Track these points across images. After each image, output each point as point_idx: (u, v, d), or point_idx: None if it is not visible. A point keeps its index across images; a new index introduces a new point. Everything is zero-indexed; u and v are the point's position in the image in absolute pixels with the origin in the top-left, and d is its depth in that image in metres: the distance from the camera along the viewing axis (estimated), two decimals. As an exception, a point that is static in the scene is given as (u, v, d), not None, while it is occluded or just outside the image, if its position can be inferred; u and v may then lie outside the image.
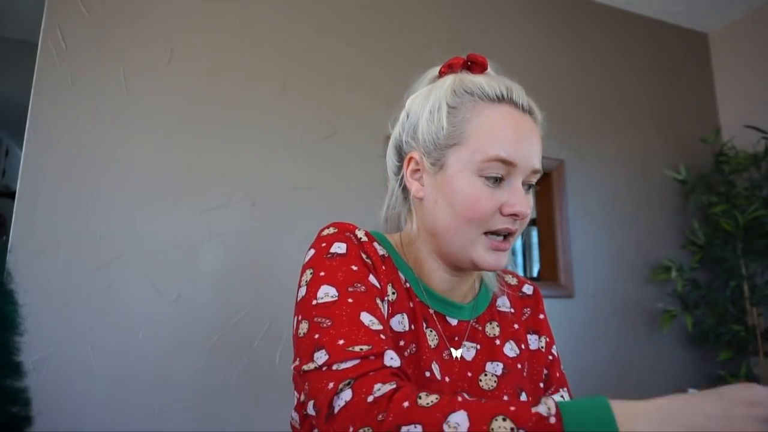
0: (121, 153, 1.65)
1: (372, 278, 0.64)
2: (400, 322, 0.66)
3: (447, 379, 0.67)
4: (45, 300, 1.49)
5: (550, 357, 0.79)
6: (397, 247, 0.75)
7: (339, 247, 0.65)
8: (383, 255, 0.70)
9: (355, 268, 0.63)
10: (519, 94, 0.70)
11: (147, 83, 1.72)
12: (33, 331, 1.29)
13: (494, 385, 0.69)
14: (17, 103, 2.29)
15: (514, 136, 0.66)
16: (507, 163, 0.65)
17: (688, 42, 2.89)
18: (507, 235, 0.68)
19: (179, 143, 1.73)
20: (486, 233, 0.66)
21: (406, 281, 0.71)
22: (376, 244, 0.70)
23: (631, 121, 2.61)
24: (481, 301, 0.77)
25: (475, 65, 0.74)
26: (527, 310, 0.81)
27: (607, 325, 2.33)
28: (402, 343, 0.65)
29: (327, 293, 0.59)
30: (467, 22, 2.31)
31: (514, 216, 0.65)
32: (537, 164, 0.67)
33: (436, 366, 0.67)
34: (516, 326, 0.77)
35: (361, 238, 0.68)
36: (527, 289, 0.83)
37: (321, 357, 0.54)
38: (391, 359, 0.54)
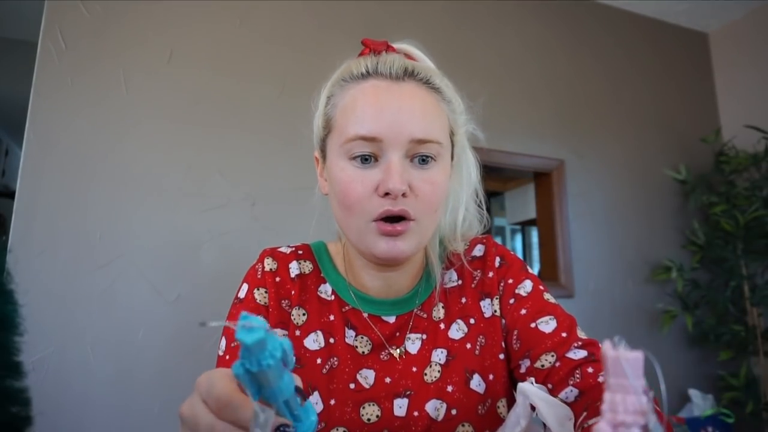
0: (120, 153, 1.65)
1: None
2: (315, 341, 0.66)
3: (388, 380, 0.65)
4: (45, 300, 1.49)
5: (512, 300, 0.69)
6: (335, 254, 0.74)
7: (242, 290, 0.69)
8: (298, 275, 0.70)
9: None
10: (391, 63, 0.63)
11: (147, 83, 1.71)
12: (33, 331, 1.29)
13: (438, 375, 0.65)
14: (17, 103, 2.29)
15: (374, 109, 0.60)
16: (369, 140, 0.59)
17: (689, 42, 2.88)
18: (403, 219, 0.60)
19: (179, 143, 1.73)
20: (376, 220, 0.60)
21: (332, 293, 0.70)
22: (292, 264, 0.71)
23: (632, 121, 2.61)
24: (423, 287, 0.72)
25: (369, 50, 0.68)
26: (477, 273, 0.72)
27: (607, 325, 2.32)
28: (319, 361, 0.65)
29: (220, 346, 0.66)
30: (468, 22, 2.31)
31: (388, 194, 0.59)
32: (417, 132, 0.59)
33: (369, 372, 0.65)
34: (464, 299, 0.71)
35: (266, 268, 0.70)
36: (478, 250, 0.74)
37: None
38: None
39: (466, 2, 2.32)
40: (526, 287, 0.69)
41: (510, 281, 0.70)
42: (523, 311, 0.67)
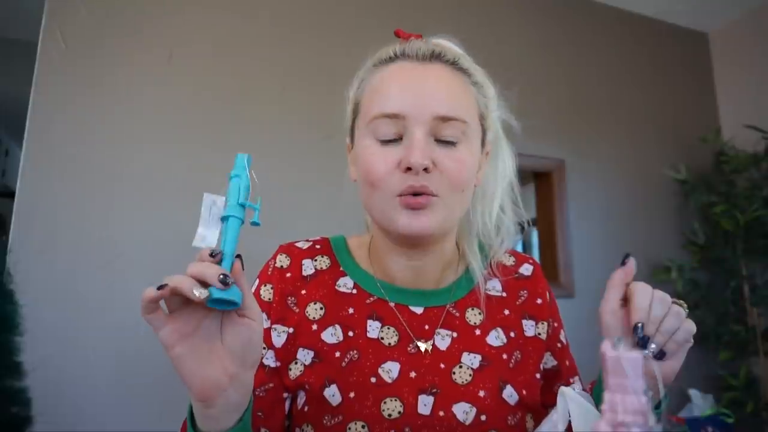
0: (121, 153, 1.65)
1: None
2: (333, 334, 0.65)
3: (413, 374, 0.63)
4: (45, 300, 1.49)
5: (559, 345, 0.74)
6: (357, 248, 0.73)
7: (253, 286, 0.69)
8: (312, 273, 0.69)
9: None
10: (418, 47, 0.64)
11: (147, 83, 1.71)
12: (33, 331, 1.28)
13: (469, 379, 0.64)
14: (17, 103, 2.29)
15: (399, 87, 0.62)
16: (392, 117, 0.60)
17: (688, 42, 2.88)
18: (427, 193, 0.60)
19: (179, 143, 1.73)
20: (401, 196, 0.60)
21: (354, 285, 0.69)
22: (306, 262, 0.70)
23: (632, 121, 2.61)
24: (462, 285, 0.71)
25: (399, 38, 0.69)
26: (524, 293, 0.74)
27: (607, 325, 2.33)
28: (337, 354, 0.64)
29: None
30: (465, 24, 2.31)
31: (410, 170, 0.59)
32: (440, 109, 0.60)
33: (393, 365, 0.64)
34: (507, 312, 0.71)
35: (278, 264, 0.70)
36: (525, 269, 0.76)
37: None
38: None
39: (463, 4, 2.32)
40: (563, 337, 0.76)
41: (555, 324, 0.75)
42: (567, 363, 0.75)
